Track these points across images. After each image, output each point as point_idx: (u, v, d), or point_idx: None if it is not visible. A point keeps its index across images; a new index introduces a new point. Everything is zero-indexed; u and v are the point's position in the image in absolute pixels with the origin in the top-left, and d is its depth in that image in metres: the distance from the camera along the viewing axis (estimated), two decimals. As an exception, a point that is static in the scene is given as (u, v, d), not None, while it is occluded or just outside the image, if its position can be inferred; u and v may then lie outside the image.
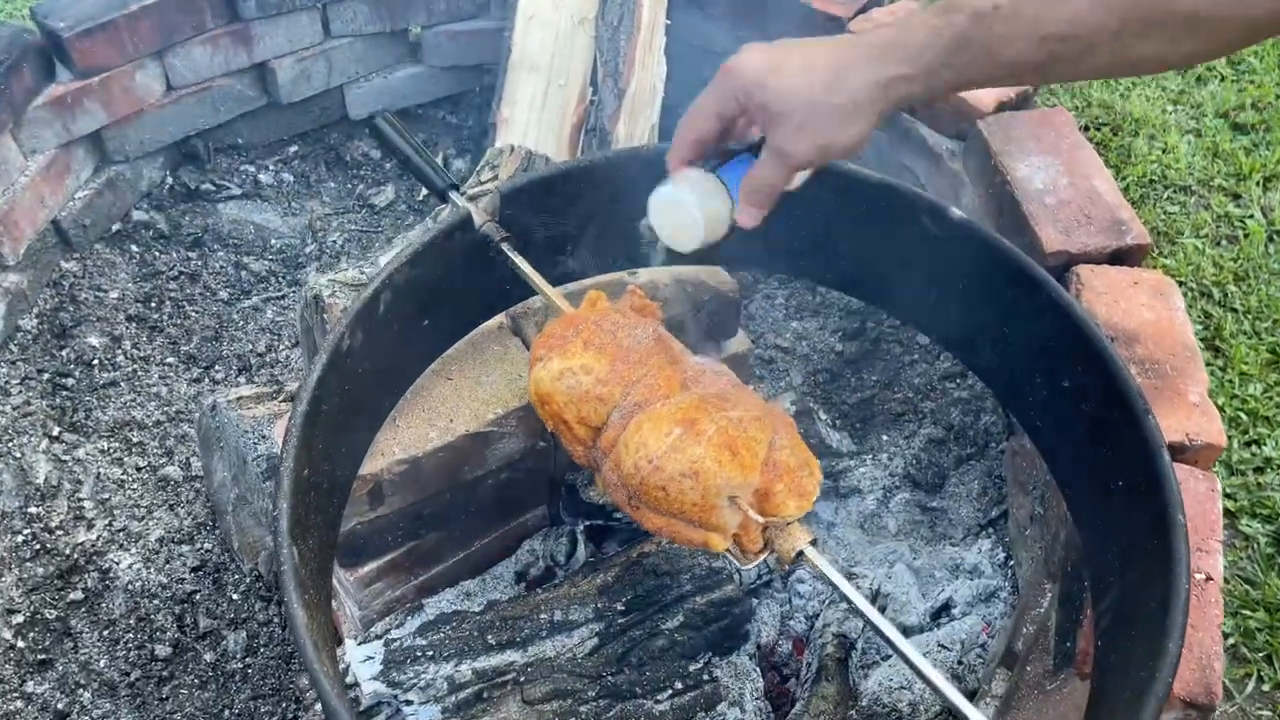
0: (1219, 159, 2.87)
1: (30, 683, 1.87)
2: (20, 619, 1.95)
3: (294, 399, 1.27)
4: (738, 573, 1.84)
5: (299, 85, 2.77)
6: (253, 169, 2.84)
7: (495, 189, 1.51)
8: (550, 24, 2.61)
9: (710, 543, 1.25)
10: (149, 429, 2.27)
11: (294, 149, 2.91)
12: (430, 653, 1.65)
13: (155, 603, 2.00)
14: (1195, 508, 1.52)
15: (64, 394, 2.30)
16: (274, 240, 2.70)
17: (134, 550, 2.07)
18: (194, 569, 2.05)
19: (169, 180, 2.75)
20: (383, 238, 2.72)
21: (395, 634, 1.71)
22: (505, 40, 2.63)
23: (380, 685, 1.62)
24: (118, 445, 2.24)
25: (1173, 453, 1.28)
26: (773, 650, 1.84)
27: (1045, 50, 0.97)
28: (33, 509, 2.10)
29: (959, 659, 1.77)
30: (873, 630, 1.73)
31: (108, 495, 2.15)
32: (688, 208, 1.23)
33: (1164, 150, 2.88)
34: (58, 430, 2.23)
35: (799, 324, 2.48)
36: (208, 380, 2.39)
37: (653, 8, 2.55)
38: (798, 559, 1.26)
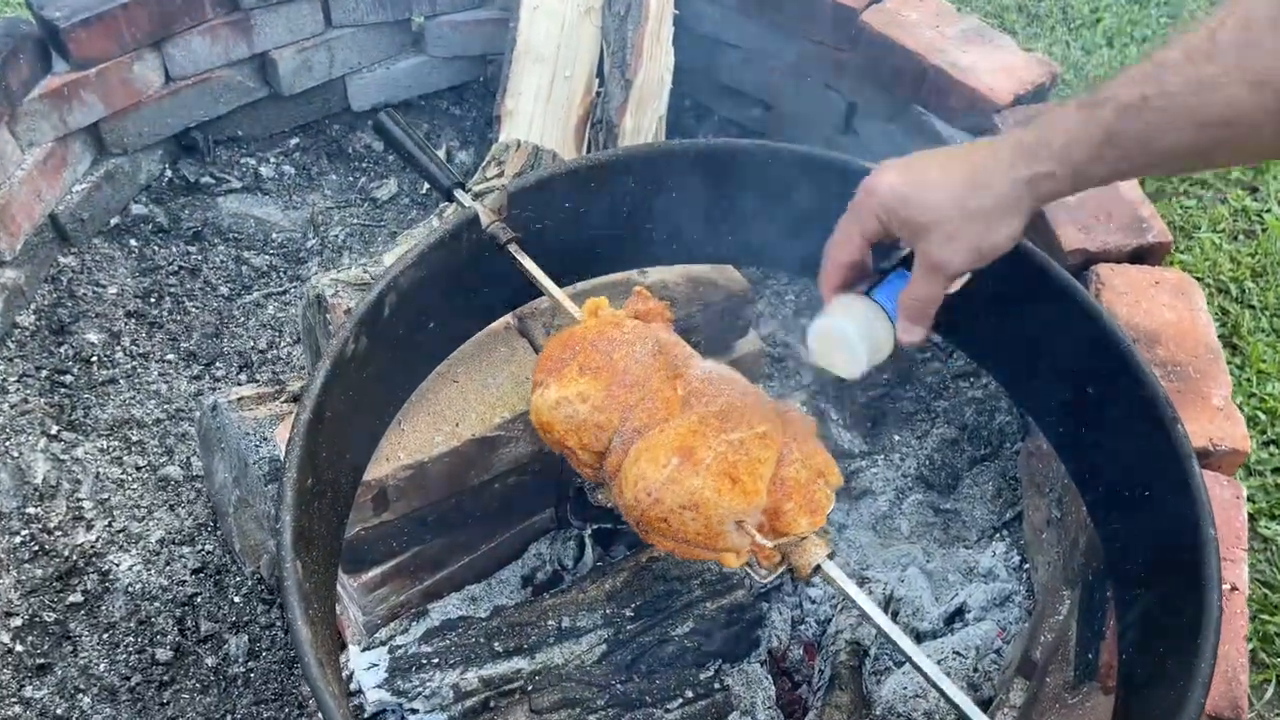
0: (1236, 152, 2.82)
1: (29, 687, 1.84)
2: (19, 622, 1.92)
3: (297, 406, 1.23)
4: (748, 578, 1.81)
5: (300, 76, 2.73)
6: (253, 162, 2.79)
7: (503, 188, 1.47)
8: (556, 14, 2.56)
9: (723, 561, 1.22)
10: (149, 427, 2.24)
11: (295, 141, 2.86)
12: (436, 660, 1.62)
13: (156, 605, 1.96)
14: (1220, 515, 1.48)
15: (62, 391, 2.26)
16: (275, 234, 2.66)
17: (134, 552, 2.04)
18: (195, 571, 2.02)
19: (168, 173, 2.70)
20: (385, 232, 2.68)
21: (400, 640, 1.68)
22: (510, 30, 2.59)
23: (385, 693, 1.59)
24: (117, 444, 2.20)
25: (1197, 458, 1.24)
26: (784, 656, 1.80)
27: (1206, 136, 0.91)
28: (31, 509, 2.07)
29: (974, 666, 1.74)
30: (890, 645, 1.70)
31: (107, 495, 2.12)
32: (849, 339, 1.21)
33: (1180, 143, 2.83)
34: (56, 429, 2.19)
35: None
36: (208, 378, 2.35)
37: (661, -3, 2.50)
38: (815, 573, 1.22)
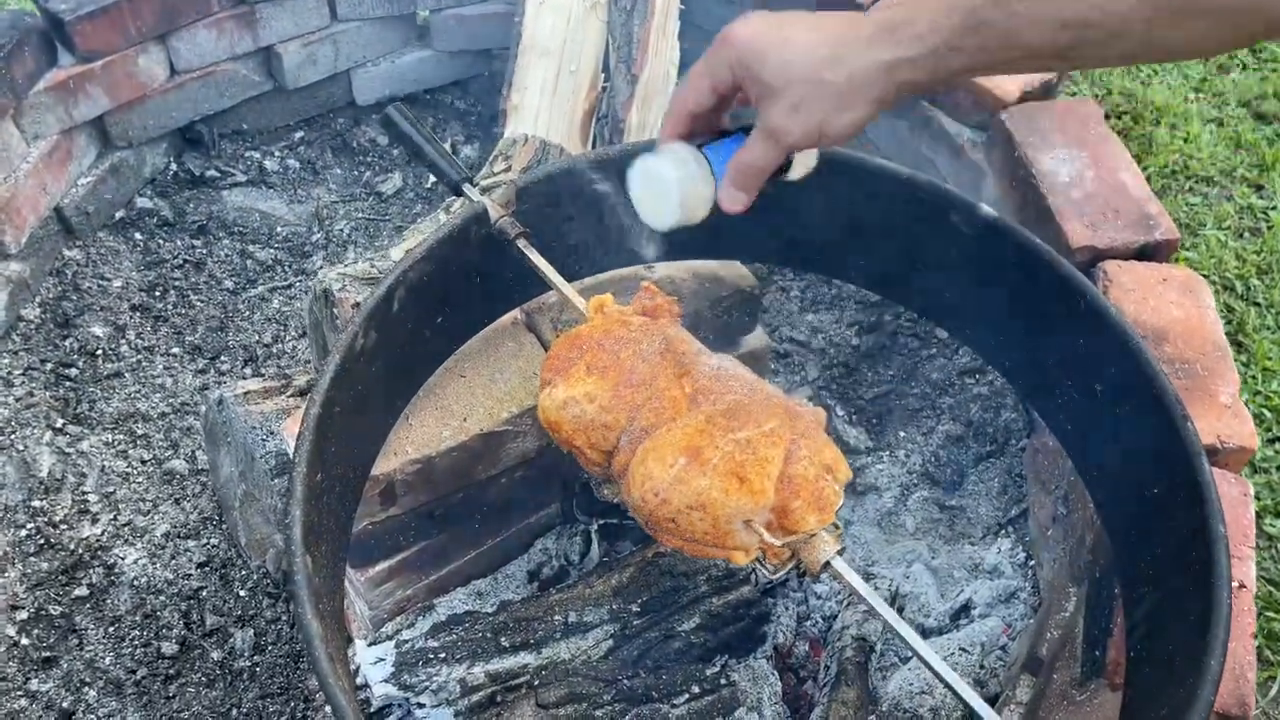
0: (1241, 149, 2.82)
1: (34, 680, 1.84)
2: (24, 615, 1.92)
3: (306, 400, 1.23)
4: (753, 573, 1.81)
5: (305, 70, 2.73)
6: (258, 155, 2.79)
7: (511, 182, 1.46)
8: (562, 8, 2.56)
9: (732, 559, 1.21)
10: (154, 421, 2.24)
11: (300, 135, 2.86)
12: (442, 654, 1.62)
13: (161, 599, 1.97)
14: (1228, 513, 1.47)
15: (67, 385, 2.26)
16: (280, 228, 2.66)
17: (139, 545, 2.04)
18: (200, 565, 2.02)
19: (173, 167, 2.70)
20: (390, 226, 2.68)
21: (406, 635, 1.68)
22: (516, 24, 2.58)
23: (391, 687, 1.59)
24: (122, 437, 2.20)
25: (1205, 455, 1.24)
26: (789, 651, 1.81)
27: (1069, 35, 0.89)
28: (36, 502, 2.07)
29: (980, 662, 1.74)
30: (900, 641, 1.70)
31: (112, 489, 2.12)
32: (667, 185, 1.14)
33: (1185, 140, 2.83)
34: (61, 422, 2.19)
35: (814, 317, 2.43)
36: (213, 371, 2.35)
37: (667, -8, 2.49)
38: (824, 569, 1.22)
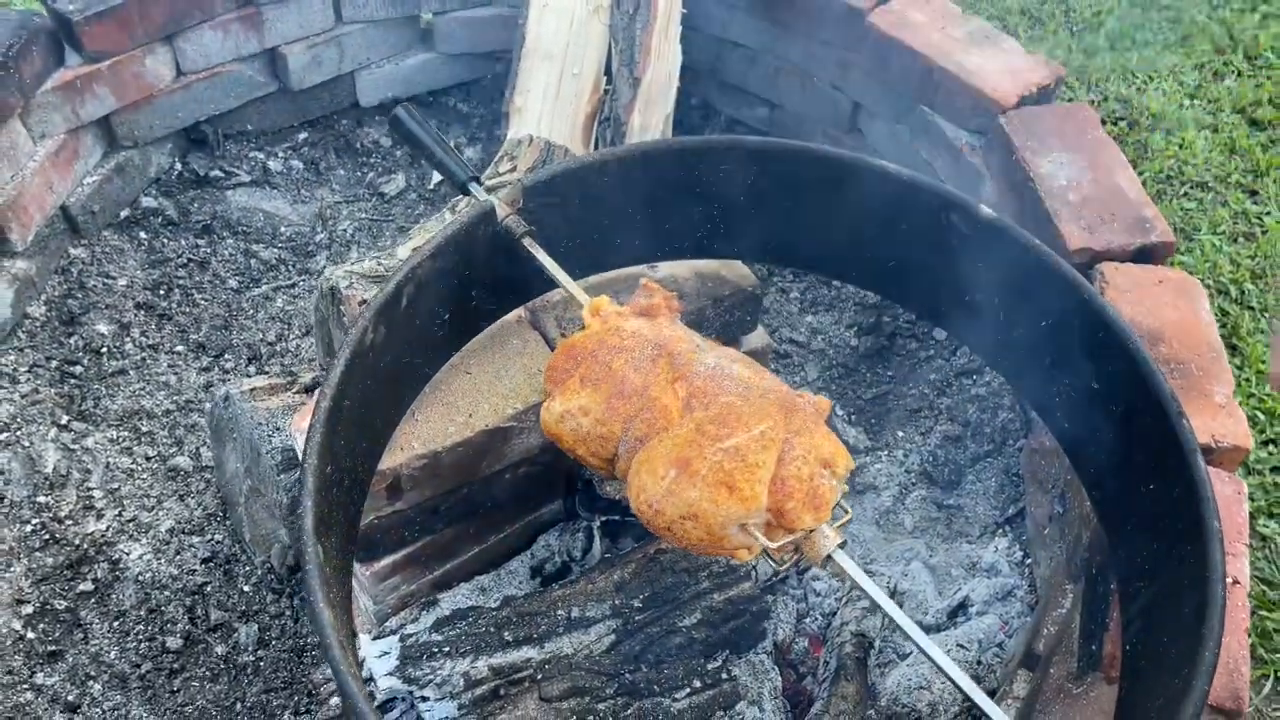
0: (1236, 155, 2.85)
1: (40, 674, 1.86)
2: (30, 609, 1.93)
3: (316, 394, 1.25)
4: (753, 570, 1.83)
5: (310, 71, 2.74)
6: (262, 156, 2.81)
7: (518, 182, 1.49)
8: (565, 11, 2.58)
9: (736, 557, 1.24)
10: (158, 418, 2.25)
11: (303, 136, 2.87)
12: (446, 649, 1.63)
13: (166, 594, 1.98)
14: (1222, 511, 1.49)
15: (72, 382, 2.28)
16: (284, 228, 2.67)
17: (144, 541, 2.05)
18: (204, 560, 2.04)
19: (178, 167, 2.72)
20: (393, 226, 2.69)
21: (410, 629, 1.70)
22: (519, 28, 2.60)
23: (396, 681, 1.61)
24: (127, 434, 2.22)
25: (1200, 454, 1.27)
26: (789, 648, 1.83)
27: None
28: (41, 498, 2.08)
29: (977, 658, 1.76)
30: (902, 634, 1.72)
31: (117, 485, 2.13)
32: None
33: (1181, 145, 2.86)
34: (66, 419, 2.21)
35: (814, 318, 2.46)
36: (217, 369, 2.37)
37: (669, -5, 2.52)
38: (826, 562, 1.24)
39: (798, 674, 1.80)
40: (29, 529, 2.04)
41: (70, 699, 1.83)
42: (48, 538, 2.03)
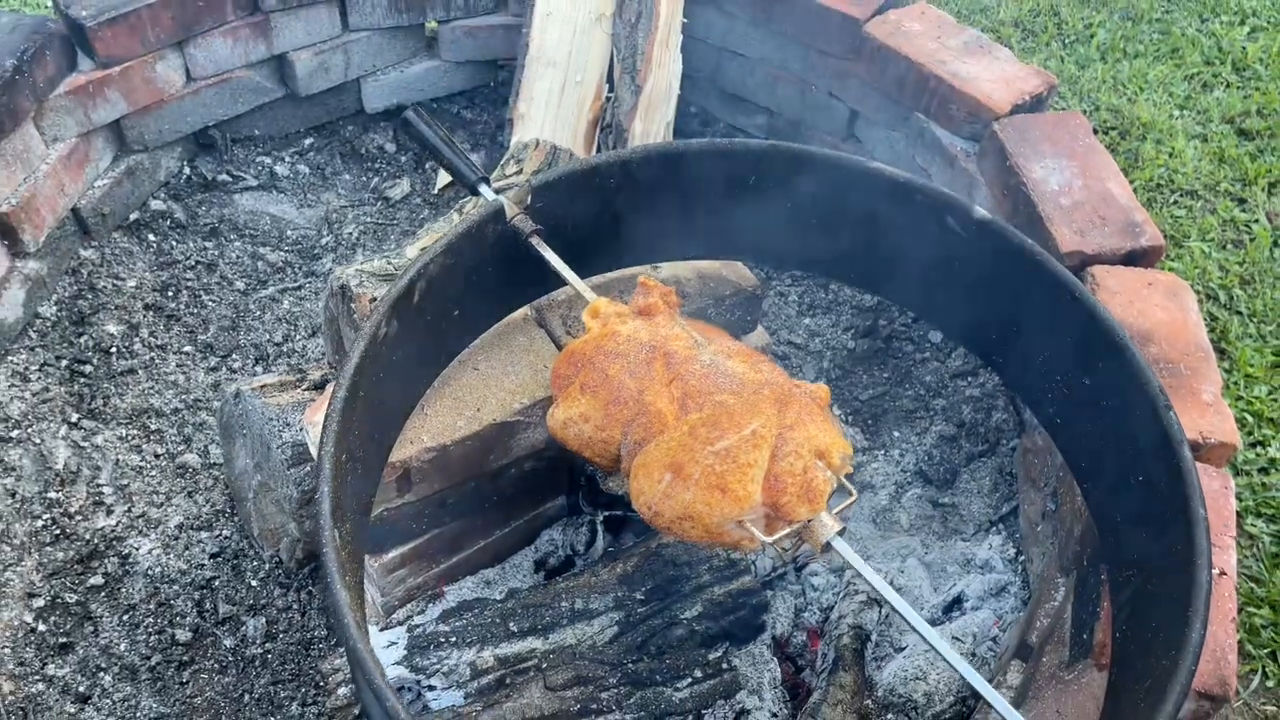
0: (1225, 164, 2.90)
1: (51, 665, 1.89)
2: (41, 603, 1.96)
3: (333, 384, 1.29)
4: (753, 564, 1.87)
5: (316, 78, 2.79)
6: (269, 160, 2.85)
7: (527, 182, 1.53)
8: (568, 20, 2.63)
9: (741, 547, 1.28)
10: (167, 416, 2.29)
11: (310, 141, 2.92)
12: (453, 639, 1.67)
13: (175, 588, 2.01)
14: (1210, 504, 1.53)
15: (82, 381, 2.31)
16: (290, 231, 2.72)
17: (153, 536, 2.08)
18: (213, 555, 2.07)
19: (186, 170, 2.76)
20: (398, 230, 2.74)
21: (417, 620, 1.73)
22: (523, 36, 2.65)
23: (403, 670, 1.64)
24: (136, 432, 2.25)
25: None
26: (787, 641, 1.86)
27: None
28: (52, 494, 2.11)
29: (971, 652, 1.80)
30: (898, 629, 1.76)
31: (127, 481, 2.16)
32: None
33: (1171, 154, 2.91)
34: (76, 417, 2.24)
35: (811, 321, 2.50)
36: (225, 369, 2.40)
37: (670, 4, 2.57)
38: (826, 550, 1.28)
39: (796, 666, 1.84)
40: (40, 524, 2.07)
41: (81, 690, 1.86)
42: (58, 533, 2.06)
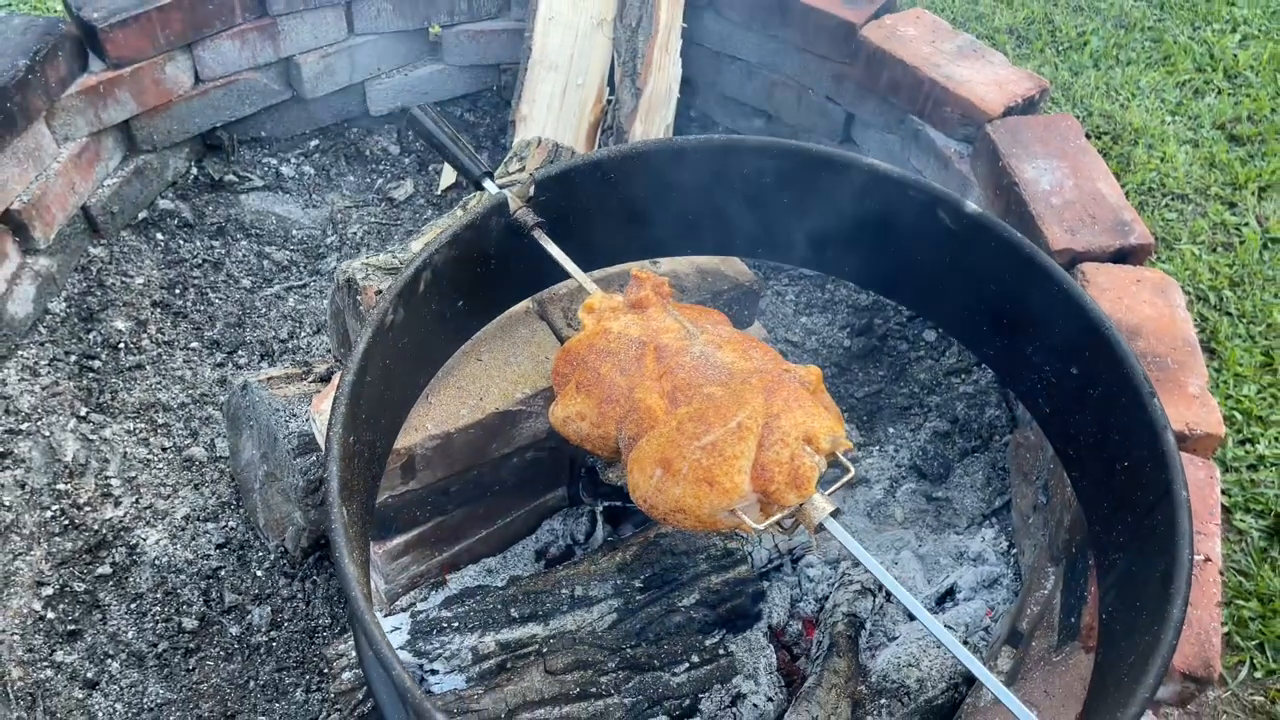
0: (1215, 168, 2.94)
1: (60, 652, 1.92)
2: (50, 591, 2.00)
3: (342, 369, 1.33)
4: (749, 555, 1.90)
5: (322, 80, 2.84)
6: (275, 161, 2.89)
7: (530, 176, 1.57)
8: (570, 25, 2.68)
9: (742, 529, 1.31)
10: (174, 411, 2.33)
11: (315, 143, 2.97)
12: (455, 624, 1.70)
13: (181, 578, 2.05)
14: (1195, 493, 1.58)
15: (91, 375, 2.35)
16: (295, 231, 2.76)
17: (160, 527, 2.12)
18: (219, 546, 2.10)
19: (194, 171, 2.81)
20: (401, 230, 2.78)
21: (421, 606, 1.77)
22: (525, 40, 2.70)
23: (407, 655, 1.68)
24: (144, 426, 2.29)
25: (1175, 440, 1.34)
26: (783, 630, 1.89)
27: None
28: (61, 486, 2.15)
29: (964, 641, 1.83)
30: (890, 618, 1.80)
31: (134, 474, 2.20)
32: None
33: (1162, 159, 2.95)
34: (85, 410, 2.28)
35: (808, 319, 2.54)
36: (231, 365, 2.44)
37: (670, 9, 2.62)
38: (820, 530, 1.32)
39: (792, 654, 1.87)
40: (49, 514, 2.10)
41: (89, 676, 1.89)
42: (67, 523, 2.10)
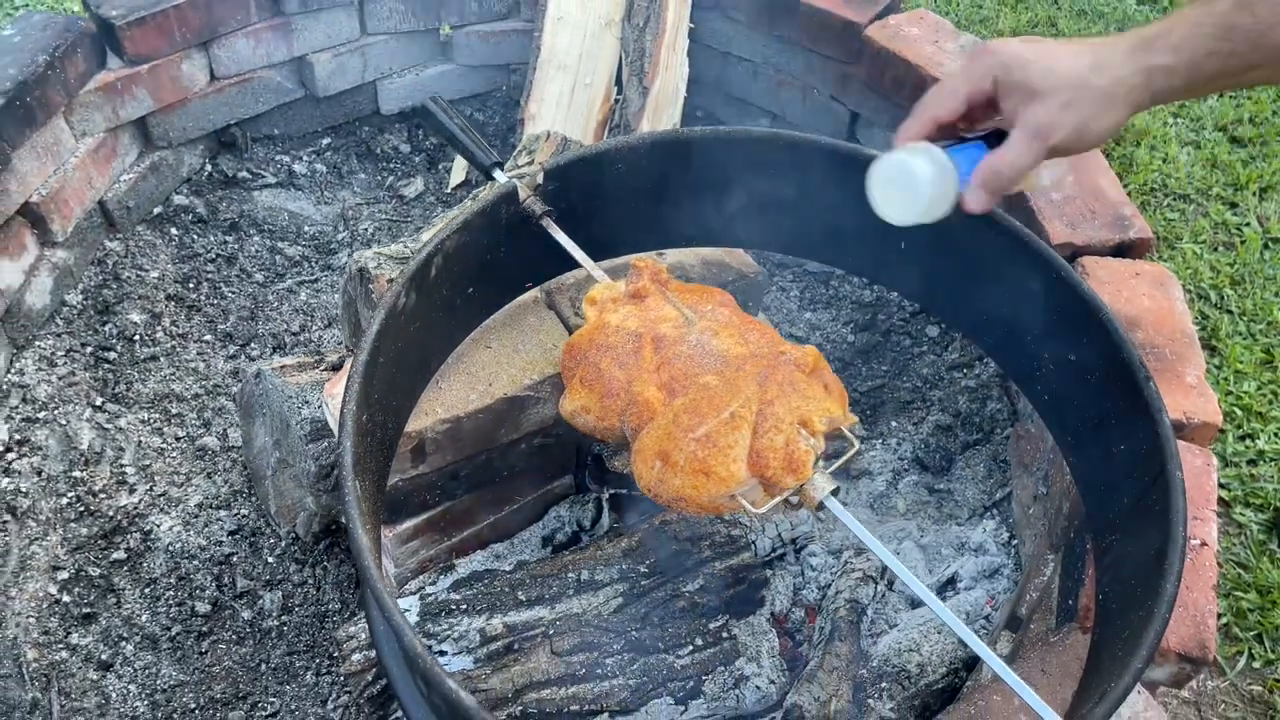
0: (1217, 169, 2.98)
1: (75, 634, 1.96)
2: (65, 575, 2.03)
3: (355, 350, 1.36)
4: (753, 544, 1.93)
5: (335, 79, 2.88)
6: (288, 159, 2.94)
7: (540, 165, 1.61)
8: (579, 25, 2.73)
9: (747, 511, 1.34)
10: (187, 401, 2.37)
11: (327, 141, 3.01)
12: (464, 607, 1.74)
13: (194, 563, 2.08)
14: (1192, 480, 1.61)
15: (106, 366, 2.39)
16: (307, 227, 2.80)
17: (174, 514, 2.16)
18: (231, 533, 2.14)
19: (208, 167, 2.85)
20: (412, 227, 2.82)
21: (429, 590, 1.80)
22: (534, 40, 2.74)
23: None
24: (158, 416, 2.33)
25: (1173, 428, 1.36)
26: (786, 617, 1.92)
27: None
28: (77, 473, 2.19)
29: (964, 627, 1.85)
30: (893, 582, 1.82)
31: (148, 462, 2.24)
32: (917, 179, 1.13)
33: (1165, 160, 2.99)
34: (100, 400, 2.32)
35: (812, 315, 2.57)
36: (243, 357, 2.48)
37: (677, 10, 2.66)
38: (820, 509, 1.35)
39: (794, 641, 1.90)
40: (65, 501, 2.14)
41: (104, 658, 1.93)
42: (82, 509, 2.14)
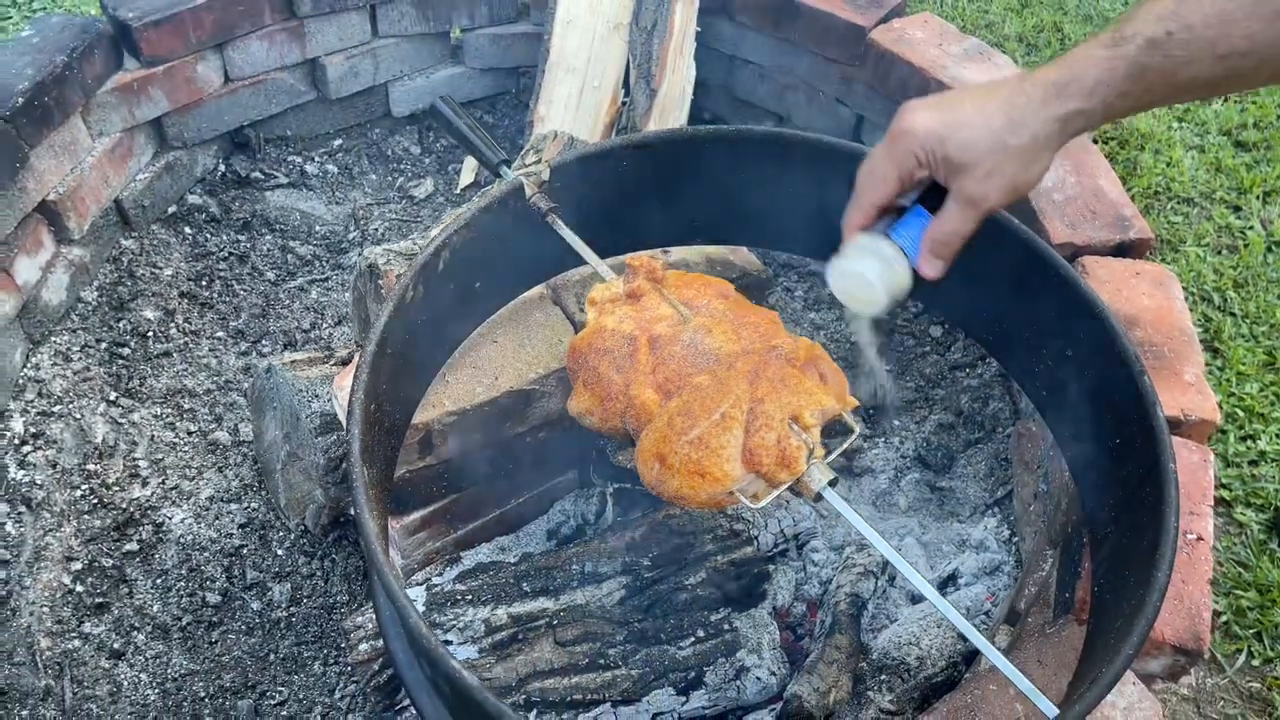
0: (1221, 173, 2.99)
1: (88, 624, 1.99)
2: (78, 566, 2.07)
3: (364, 341, 1.39)
4: (755, 539, 1.95)
5: (347, 81, 2.92)
6: (300, 160, 2.98)
7: (546, 163, 1.64)
8: (587, 28, 2.76)
9: (747, 505, 1.36)
10: (199, 397, 2.40)
11: (339, 142, 3.05)
12: (469, 597, 1.76)
13: (205, 555, 2.12)
14: (1188, 476, 1.63)
15: (120, 362, 2.43)
16: (319, 227, 2.84)
17: (185, 507, 2.19)
18: (241, 526, 2.17)
19: (221, 167, 2.90)
20: (422, 227, 2.85)
21: (435, 580, 1.83)
22: (543, 43, 2.78)
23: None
24: (170, 411, 2.37)
25: (1170, 427, 1.38)
26: (787, 612, 1.94)
27: (1223, 67, 0.99)
28: (91, 466, 2.23)
29: (964, 622, 1.87)
30: (894, 577, 1.84)
31: (161, 456, 2.27)
32: (869, 281, 1.22)
33: (1169, 164, 3.00)
34: (114, 395, 2.36)
35: (816, 315, 2.60)
36: (255, 354, 2.52)
37: (685, 12, 2.69)
38: (818, 500, 1.37)
39: (795, 635, 1.92)
40: (79, 494, 2.18)
41: (116, 647, 1.96)
42: (96, 502, 2.17)
